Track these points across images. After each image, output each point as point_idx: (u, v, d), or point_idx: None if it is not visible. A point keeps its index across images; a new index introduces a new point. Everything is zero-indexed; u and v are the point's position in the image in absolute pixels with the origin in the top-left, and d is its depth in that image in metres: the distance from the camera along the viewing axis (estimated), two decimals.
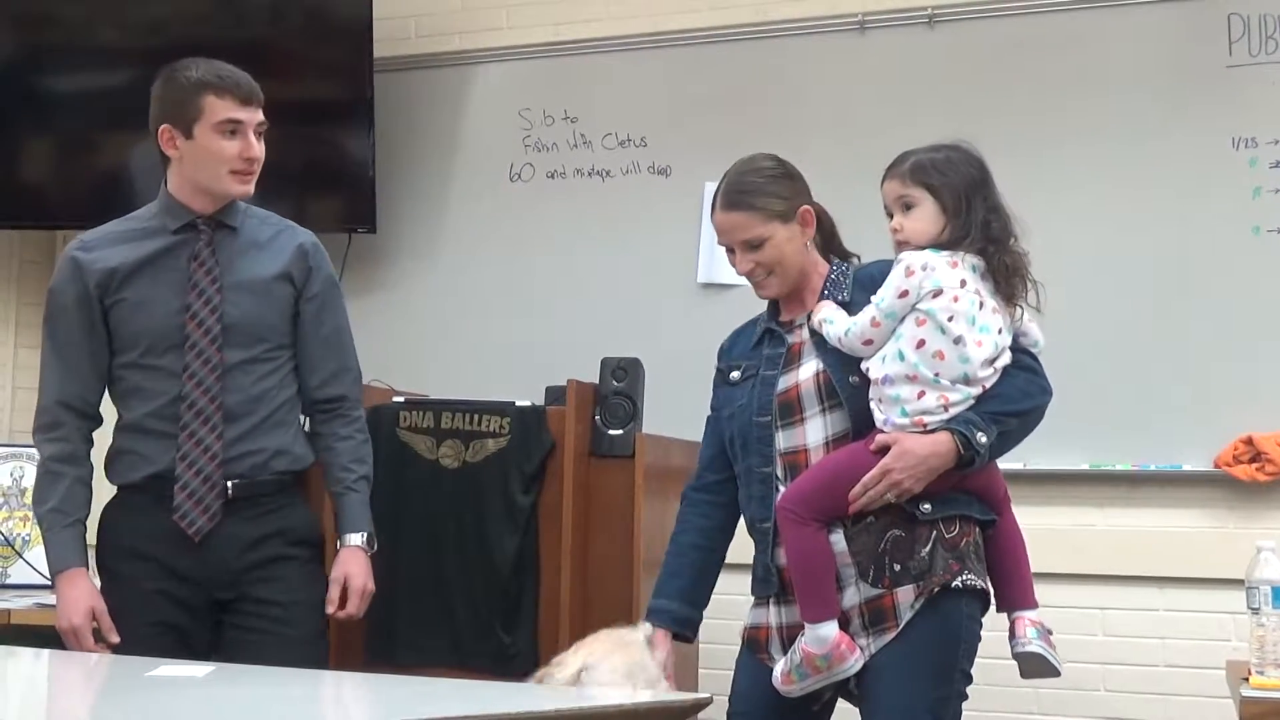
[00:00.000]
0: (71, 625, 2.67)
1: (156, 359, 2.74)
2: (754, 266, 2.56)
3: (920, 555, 2.41)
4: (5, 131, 4.23)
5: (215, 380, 2.72)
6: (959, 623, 2.45)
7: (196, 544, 2.70)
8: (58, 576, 2.72)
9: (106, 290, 2.75)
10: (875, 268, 2.59)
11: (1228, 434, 3.53)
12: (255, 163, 2.78)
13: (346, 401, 2.88)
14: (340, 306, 2.91)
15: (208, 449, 2.71)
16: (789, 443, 2.51)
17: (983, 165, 2.50)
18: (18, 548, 4.10)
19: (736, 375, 2.62)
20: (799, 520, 2.43)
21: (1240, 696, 2.51)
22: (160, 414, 2.73)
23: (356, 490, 2.84)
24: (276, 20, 4.27)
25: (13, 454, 4.24)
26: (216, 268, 2.77)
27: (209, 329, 2.73)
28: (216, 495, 2.70)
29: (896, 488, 2.40)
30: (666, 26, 4.14)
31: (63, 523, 2.74)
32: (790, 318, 2.61)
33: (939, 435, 2.40)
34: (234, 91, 2.74)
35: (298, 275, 2.83)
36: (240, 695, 2.02)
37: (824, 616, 2.41)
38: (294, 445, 2.81)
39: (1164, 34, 3.69)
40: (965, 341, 2.40)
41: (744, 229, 2.55)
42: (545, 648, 3.19)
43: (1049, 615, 3.54)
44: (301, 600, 2.75)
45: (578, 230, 4.17)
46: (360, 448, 2.88)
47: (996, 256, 2.45)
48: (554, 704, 1.84)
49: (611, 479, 3.26)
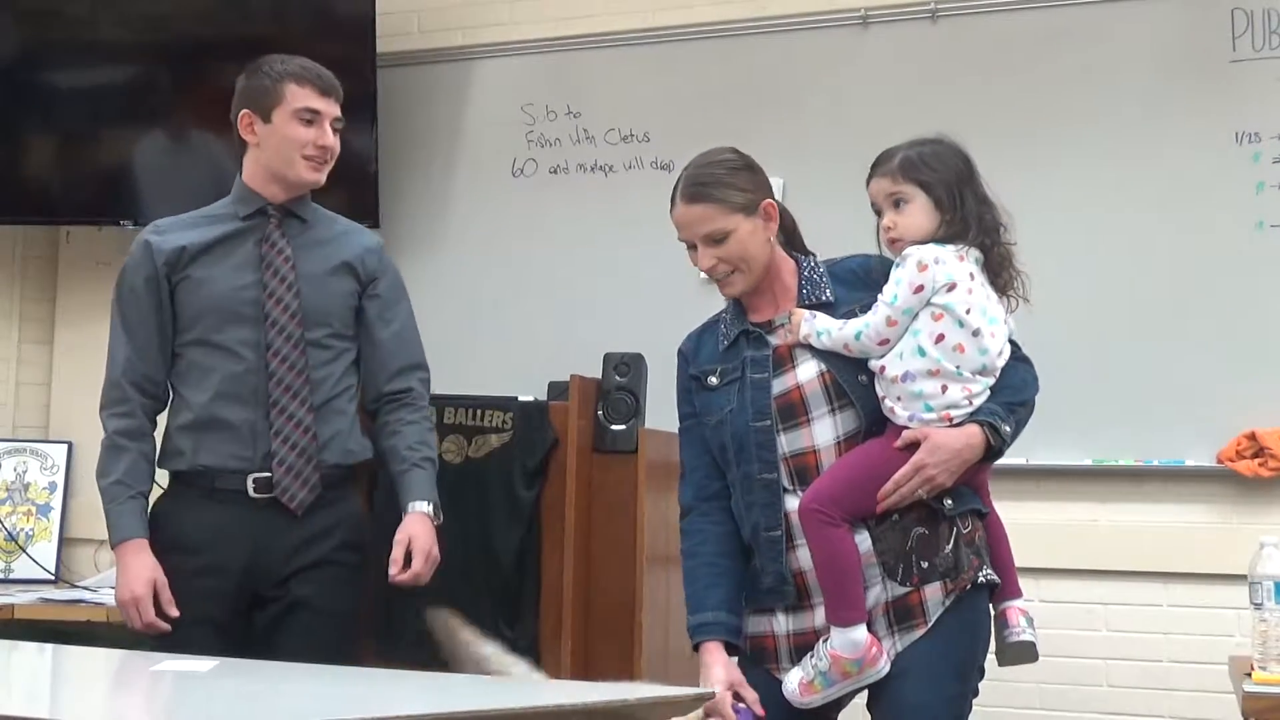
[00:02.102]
0: (134, 595, 2.68)
1: (219, 336, 2.77)
2: (716, 263, 2.47)
3: (945, 552, 2.39)
4: (8, 127, 4.24)
5: (300, 355, 2.77)
6: (980, 619, 2.45)
7: (247, 541, 2.72)
8: (119, 547, 2.73)
9: (174, 268, 2.80)
10: (854, 262, 2.55)
11: (1231, 429, 3.53)
12: (329, 152, 2.85)
13: (413, 393, 2.92)
14: (407, 309, 2.96)
15: (301, 423, 2.74)
16: (794, 446, 2.44)
17: (968, 158, 2.48)
18: (21, 542, 4.11)
19: (715, 380, 2.52)
20: (830, 522, 2.37)
21: (1243, 692, 2.51)
22: (224, 394, 2.75)
23: (422, 467, 2.86)
24: (280, 16, 4.27)
25: (16, 449, 4.25)
26: (289, 248, 2.82)
27: (288, 305, 2.78)
28: (315, 468, 2.75)
29: (930, 483, 2.37)
30: (669, 21, 4.13)
31: (126, 494, 2.77)
32: (766, 318, 2.52)
33: (968, 428, 2.39)
34: (315, 82, 2.83)
35: (362, 272, 2.88)
36: (244, 689, 2.02)
37: (855, 620, 2.36)
38: (349, 438, 2.84)
39: (1167, 28, 3.69)
40: (983, 334, 2.40)
41: (705, 221, 2.45)
42: (548, 642, 3.20)
43: (1052, 610, 3.59)
44: (342, 610, 2.76)
45: (580, 225, 4.17)
46: (427, 433, 2.91)
47: (993, 249, 2.44)
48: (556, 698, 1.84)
49: (614, 474, 3.26)
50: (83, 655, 2.48)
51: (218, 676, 2.04)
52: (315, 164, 2.83)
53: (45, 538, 4.14)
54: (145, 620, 2.68)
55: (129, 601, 2.69)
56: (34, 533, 4.14)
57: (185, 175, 4.18)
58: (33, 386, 4.44)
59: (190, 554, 2.73)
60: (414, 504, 2.83)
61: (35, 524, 4.15)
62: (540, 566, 3.24)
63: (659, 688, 2.25)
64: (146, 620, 2.68)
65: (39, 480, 4.19)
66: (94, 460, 4.34)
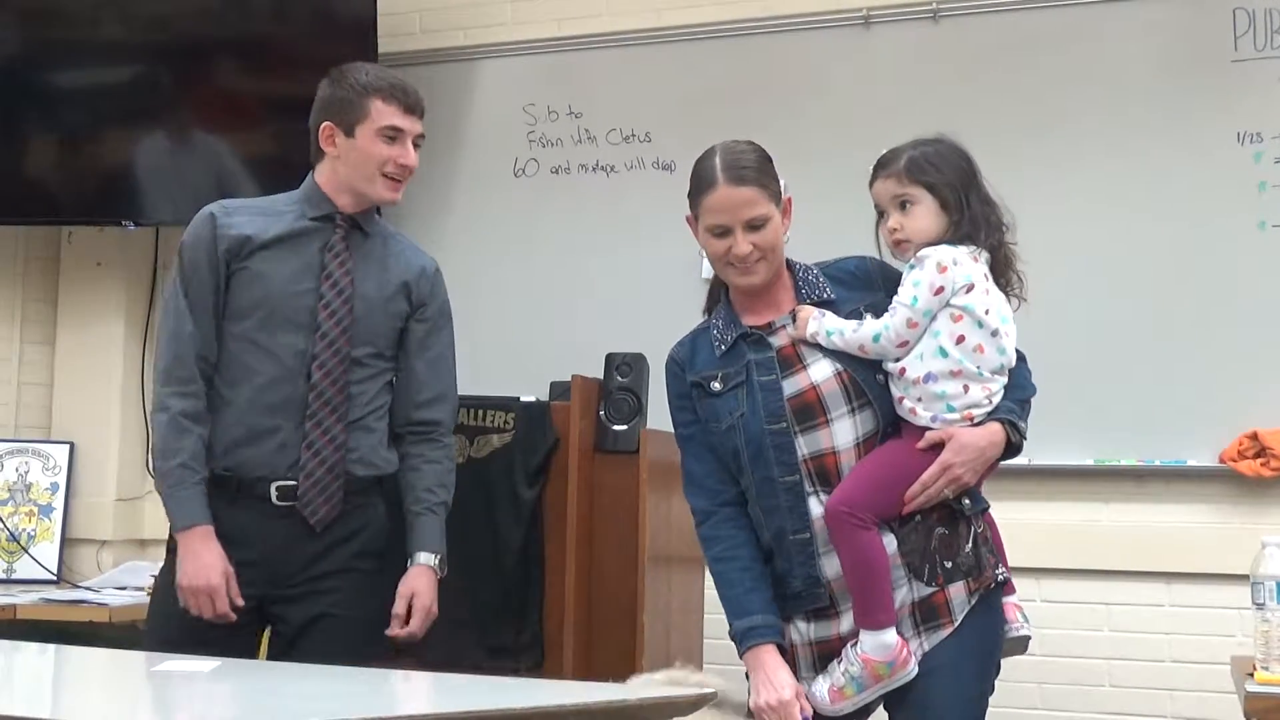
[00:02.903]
0: (209, 584, 2.64)
1: (266, 337, 2.74)
2: (752, 249, 2.42)
3: (965, 551, 2.40)
4: (10, 127, 4.24)
5: (343, 372, 2.74)
6: (999, 618, 2.46)
7: (267, 545, 2.70)
8: (186, 532, 2.68)
9: (235, 256, 2.76)
10: (850, 264, 2.55)
11: (1233, 429, 3.53)
12: (407, 171, 2.82)
13: (440, 427, 2.89)
14: (449, 336, 2.94)
15: (334, 439, 2.73)
16: (812, 447, 2.42)
17: (970, 158, 2.47)
18: (23, 543, 4.11)
19: (718, 385, 2.48)
20: (862, 525, 2.36)
21: (1245, 692, 2.51)
22: (262, 398, 2.73)
23: (436, 513, 2.84)
24: (281, 16, 4.26)
25: (18, 450, 4.25)
26: (350, 261, 2.79)
27: (340, 319, 2.76)
28: (340, 486, 2.73)
29: (956, 482, 2.38)
30: (671, 21, 4.13)
31: (192, 480, 2.70)
32: (765, 320, 2.50)
33: (991, 426, 2.40)
34: (401, 100, 2.79)
35: (415, 294, 2.86)
36: (246, 689, 2.02)
37: (886, 623, 2.36)
38: (373, 453, 2.80)
39: (1169, 28, 3.68)
40: (1000, 333, 2.42)
41: (751, 205, 2.41)
42: (550, 642, 3.20)
43: (1054, 610, 3.59)
44: (363, 617, 2.74)
45: (582, 225, 4.17)
46: (446, 474, 2.88)
47: (999, 249, 2.45)
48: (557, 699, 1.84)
49: (616, 474, 3.26)
50: (85, 656, 2.48)
51: (219, 677, 2.03)
52: (393, 183, 2.80)
53: (47, 538, 4.14)
54: (220, 610, 2.65)
55: (205, 589, 2.64)
56: (36, 533, 4.14)
57: (187, 175, 4.18)
58: (34, 387, 4.44)
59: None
60: (420, 554, 2.81)
61: (37, 524, 4.15)
62: (542, 567, 3.24)
63: (660, 688, 2.26)
64: (221, 610, 2.65)
65: (41, 481, 4.19)
66: (94, 461, 4.35)
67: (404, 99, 2.79)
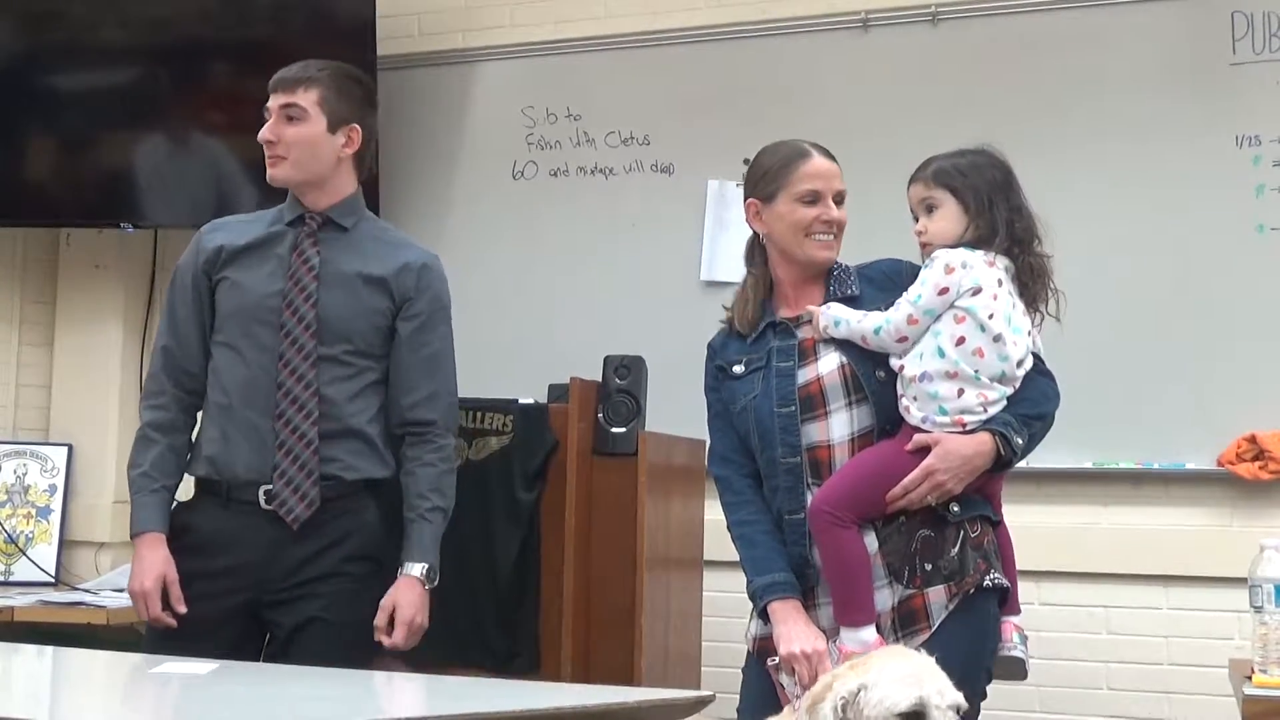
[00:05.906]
0: (142, 589, 2.69)
1: (245, 341, 2.76)
2: (836, 220, 2.56)
3: (950, 555, 2.41)
4: (9, 130, 4.24)
5: (311, 369, 2.74)
6: (987, 622, 2.45)
7: (258, 550, 2.70)
8: (137, 539, 2.75)
9: (213, 267, 2.81)
10: (885, 265, 2.61)
11: (1231, 432, 3.53)
12: (268, 145, 2.80)
13: (435, 427, 2.84)
14: (445, 332, 2.90)
15: (304, 436, 2.72)
16: (811, 438, 2.47)
17: (1007, 168, 2.53)
18: (21, 545, 4.11)
19: (740, 369, 2.57)
20: (840, 523, 2.39)
21: (1243, 695, 2.51)
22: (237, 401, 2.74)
23: (429, 520, 2.80)
24: (279, 18, 4.26)
25: (16, 451, 4.24)
26: (316, 258, 2.80)
27: (303, 315, 2.76)
28: (314, 483, 2.72)
29: (939, 489, 2.39)
30: (670, 25, 4.13)
31: (150, 487, 2.76)
32: (795, 313, 2.57)
33: (980, 435, 2.41)
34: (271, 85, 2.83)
35: (397, 290, 2.82)
36: (244, 692, 2.02)
37: (864, 621, 2.39)
38: (361, 457, 2.78)
39: (1167, 31, 3.69)
40: (1004, 340, 2.42)
41: (839, 179, 2.58)
42: (548, 645, 3.19)
43: (1052, 613, 3.58)
44: (353, 620, 2.73)
45: (580, 228, 4.17)
46: (441, 477, 2.83)
47: (1022, 258, 2.47)
48: (556, 701, 1.84)
49: (614, 477, 3.26)
50: (83, 658, 2.48)
51: (218, 679, 2.03)
52: (270, 161, 2.81)
53: (45, 540, 4.14)
54: (152, 614, 2.69)
55: (138, 594, 2.70)
56: (34, 535, 4.14)
57: (185, 178, 4.18)
58: (33, 389, 4.44)
59: (209, 557, 2.73)
60: (408, 565, 2.78)
61: (35, 526, 4.15)
62: (540, 569, 3.24)
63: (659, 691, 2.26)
64: (153, 614, 2.68)
65: (39, 483, 4.19)
66: (93, 463, 4.37)
67: (274, 82, 2.83)
